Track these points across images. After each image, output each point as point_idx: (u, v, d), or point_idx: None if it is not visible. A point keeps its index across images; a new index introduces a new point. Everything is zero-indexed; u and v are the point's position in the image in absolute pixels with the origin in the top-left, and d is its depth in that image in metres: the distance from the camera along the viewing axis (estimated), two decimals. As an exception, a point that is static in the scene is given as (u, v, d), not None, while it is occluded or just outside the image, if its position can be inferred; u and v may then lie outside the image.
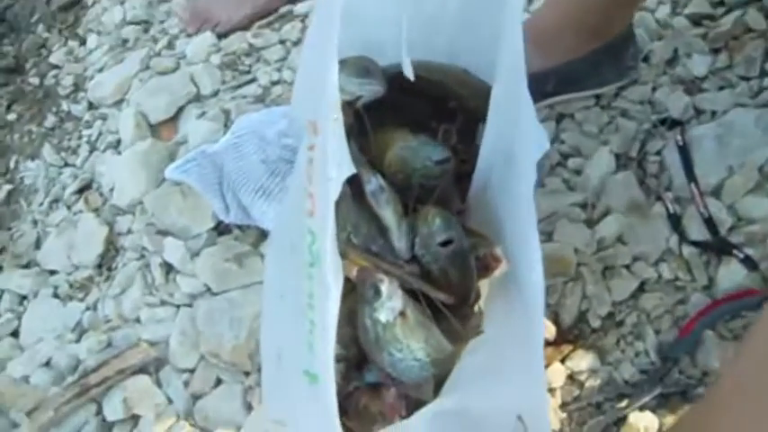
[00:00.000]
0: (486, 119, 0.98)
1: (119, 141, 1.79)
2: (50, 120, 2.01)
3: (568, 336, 1.23)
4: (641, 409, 1.11)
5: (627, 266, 1.24)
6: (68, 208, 1.75)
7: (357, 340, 0.99)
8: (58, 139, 1.95)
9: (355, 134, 1.04)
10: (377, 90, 1.04)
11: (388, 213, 0.98)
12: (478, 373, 0.96)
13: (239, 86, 1.75)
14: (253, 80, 1.76)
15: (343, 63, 0.94)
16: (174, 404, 1.33)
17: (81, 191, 1.77)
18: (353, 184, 0.97)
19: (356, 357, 1.03)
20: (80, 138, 1.90)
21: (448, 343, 0.98)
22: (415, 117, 1.15)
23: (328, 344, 0.78)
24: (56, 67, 2.16)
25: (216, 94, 1.76)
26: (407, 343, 0.92)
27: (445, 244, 0.95)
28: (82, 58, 2.13)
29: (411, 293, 0.96)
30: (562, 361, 1.18)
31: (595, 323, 1.21)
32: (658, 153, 1.35)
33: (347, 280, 1.08)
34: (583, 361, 1.18)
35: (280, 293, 1.01)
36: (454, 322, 1.01)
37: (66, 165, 1.87)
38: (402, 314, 0.92)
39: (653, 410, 1.10)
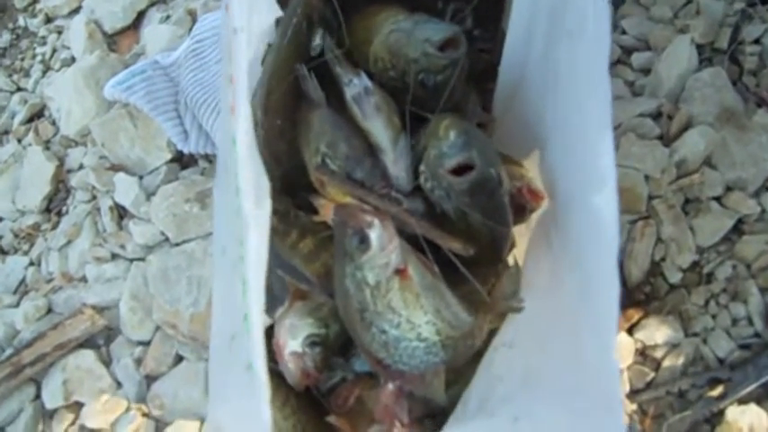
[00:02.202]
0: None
1: (73, 58, 1.52)
2: (5, 38, 1.76)
3: (638, 295, 0.97)
4: (743, 401, 0.87)
5: (717, 199, 1.00)
6: (18, 141, 1.51)
7: (338, 314, 0.79)
8: (10, 60, 1.70)
9: (326, 24, 0.84)
10: None
11: (379, 125, 0.75)
12: (521, 373, 0.70)
13: None
14: (227, -27, 1.42)
15: None
16: (124, 388, 1.09)
17: (32, 119, 1.52)
18: (330, 90, 0.78)
19: (339, 338, 0.83)
20: (34, 57, 1.65)
21: (468, 315, 0.72)
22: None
23: (256, 311, 0.60)
24: (16, -24, 1.87)
25: None
26: (408, 315, 0.69)
27: (460, 171, 0.69)
28: (42, -37, 1.83)
29: (414, 243, 0.72)
30: (629, 331, 0.96)
31: (674, 277, 0.97)
32: (758, 41, 1.09)
33: (326, 226, 0.83)
34: (658, 331, 0.93)
35: (222, 247, 0.74)
36: (478, 287, 0.73)
37: (19, 89, 1.61)
38: (400, 273, 0.68)
39: (759, 402, 0.87)
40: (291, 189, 0.88)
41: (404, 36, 0.77)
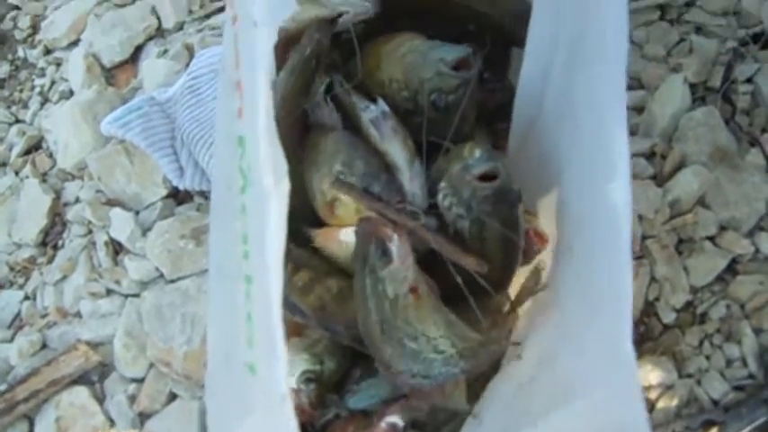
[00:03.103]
0: (521, 42, 0.79)
1: (72, 91, 1.52)
2: (4, 69, 1.75)
3: (632, 336, 0.90)
4: (738, 443, 0.84)
5: (711, 238, 0.99)
6: (16, 173, 1.50)
7: (334, 351, 0.82)
8: (9, 91, 1.69)
9: (333, 64, 0.88)
10: (365, 7, 0.85)
11: (396, 146, 0.77)
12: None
13: (208, 16, 1.45)
14: (224, 7, 1.42)
15: (328, -31, 0.81)
16: (117, 425, 1.08)
17: (29, 151, 1.51)
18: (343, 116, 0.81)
19: (334, 375, 0.84)
20: (32, 88, 1.65)
21: (475, 333, 0.73)
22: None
23: (272, 307, 0.56)
24: (16, 7, 1.88)
25: (180, 27, 1.47)
26: (423, 329, 0.70)
27: (485, 180, 0.71)
28: (42, -6, 1.83)
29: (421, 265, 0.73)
30: (623, 372, 0.87)
31: (668, 317, 0.96)
32: (750, 80, 1.08)
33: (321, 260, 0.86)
34: (652, 372, 0.92)
35: (218, 263, 0.74)
36: (478, 314, 0.74)
37: (17, 121, 1.60)
38: (413, 290, 0.70)
39: (755, 445, 0.84)
40: (288, 224, 0.88)
41: (419, 57, 0.79)
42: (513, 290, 0.79)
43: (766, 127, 1.02)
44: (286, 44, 0.87)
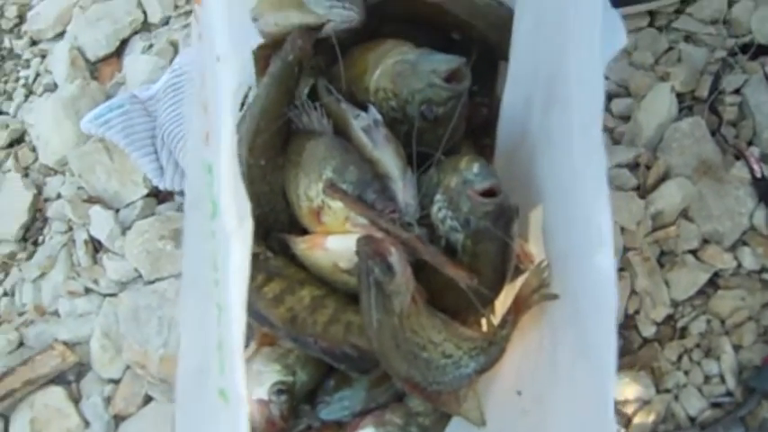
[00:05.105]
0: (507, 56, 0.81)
1: (56, 84, 1.51)
2: None
3: None
4: (714, 461, 0.85)
5: (693, 252, 0.98)
6: None
7: (307, 362, 0.84)
8: None
9: (318, 70, 0.90)
10: (350, 16, 0.84)
11: (389, 154, 0.78)
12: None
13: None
14: (212, 3, 1.41)
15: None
16: (92, 427, 1.08)
17: (12, 144, 1.50)
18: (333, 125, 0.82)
19: (306, 385, 0.85)
20: (17, 80, 1.63)
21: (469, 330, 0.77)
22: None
23: (235, 332, 0.58)
24: (3, -5, 1.86)
25: (166, 21, 1.46)
26: (428, 336, 0.74)
27: (487, 195, 0.72)
28: (29, -18, 1.82)
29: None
30: (601, 386, 0.87)
31: (648, 331, 0.96)
32: (738, 92, 1.06)
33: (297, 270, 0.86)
34: (629, 386, 0.91)
35: (192, 278, 0.74)
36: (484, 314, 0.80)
37: (1, 113, 1.59)
38: (413, 299, 0.73)
39: (731, 463, 0.84)
40: (266, 231, 0.88)
41: (409, 66, 0.79)
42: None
43: (753, 140, 1.01)
44: (268, 49, 0.87)
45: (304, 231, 0.86)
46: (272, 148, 0.84)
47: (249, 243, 0.59)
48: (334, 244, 0.79)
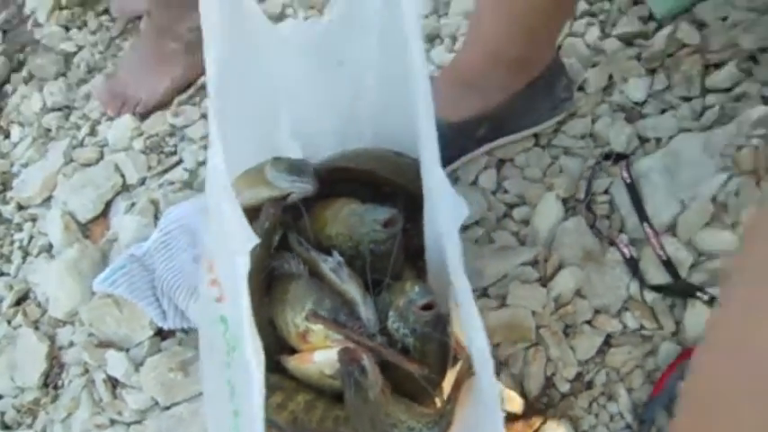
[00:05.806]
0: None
1: (51, 245, 1.70)
2: None
3: (537, 405, 1.16)
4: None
5: (588, 322, 1.19)
6: (8, 323, 1.65)
7: None
8: None
9: (287, 226, 1.12)
10: (306, 188, 1.07)
11: (353, 287, 1.00)
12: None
13: (166, 171, 1.67)
14: (179, 162, 1.68)
15: (277, 160, 1.06)
16: None
17: (19, 302, 1.67)
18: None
19: None
20: (12, 243, 1.80)
21: (424, 409, 0.97)
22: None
23: None
24: (-18, 165, 2.05)
25: (143, 182, 1.68)
26: (397, 416, 0.93)
27: (426, 308, 0.94)
28: (7, 153, 2.03)
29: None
30: (533, 436, 1.14)
31: (564, 387, 1.16)
32: (606, 192, 1.30)
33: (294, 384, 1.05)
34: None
35: (213, 401, 0.97)
36: (432, 395, 1.00)
37: (2, 274, 1.76)
38: (382, 391, 0.93)
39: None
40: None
41: (358, 218, 1.02)
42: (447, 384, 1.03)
43: (622, 228, 1.24)
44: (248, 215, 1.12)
45: (292, 351, 1.09)
46: (259, 292, 1.09)
47: (263, 369, 0.78)
48: (320, 357, 0.97)
